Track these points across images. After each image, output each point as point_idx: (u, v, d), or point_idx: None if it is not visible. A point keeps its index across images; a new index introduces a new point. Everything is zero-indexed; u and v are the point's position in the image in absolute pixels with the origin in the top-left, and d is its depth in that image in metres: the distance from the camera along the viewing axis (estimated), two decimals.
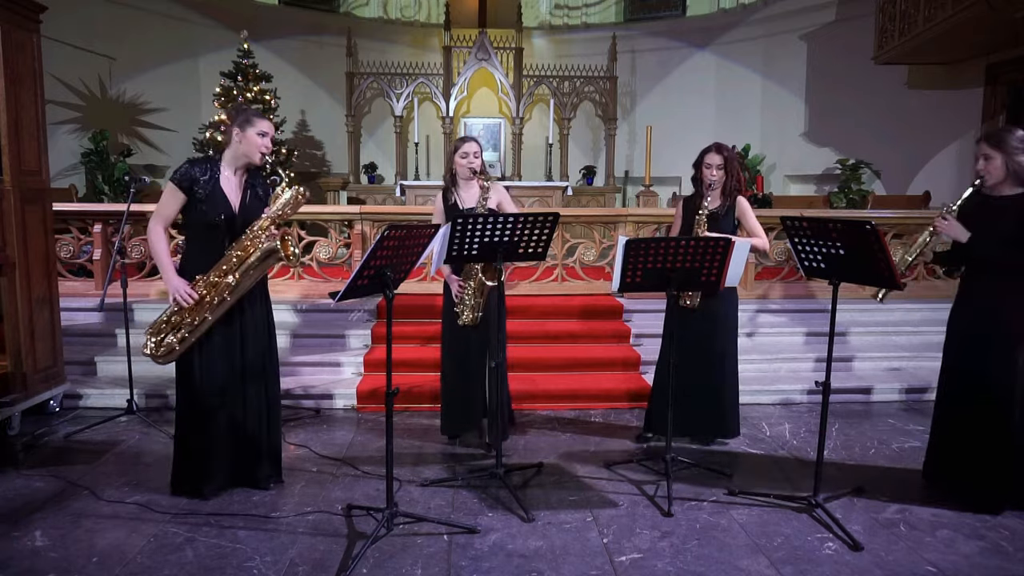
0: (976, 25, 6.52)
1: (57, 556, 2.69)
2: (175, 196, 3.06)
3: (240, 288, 3.04)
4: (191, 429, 3.18)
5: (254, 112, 3.21)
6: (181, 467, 3.23)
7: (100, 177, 8.34)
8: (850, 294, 5.67)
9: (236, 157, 3.14)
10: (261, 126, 3.12)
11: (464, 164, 3.75)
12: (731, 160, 3.70)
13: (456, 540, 2.86)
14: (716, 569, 2.66)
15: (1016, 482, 3.09)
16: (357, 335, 5.31)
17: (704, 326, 3.75)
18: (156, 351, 3.09)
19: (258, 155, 3.13)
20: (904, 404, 4.80)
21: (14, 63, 3.84)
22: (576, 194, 10.21)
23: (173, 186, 3.05)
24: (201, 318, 3.04)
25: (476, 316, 3.71)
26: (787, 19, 9.87)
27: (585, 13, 11.54)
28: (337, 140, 10.62)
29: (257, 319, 3.23)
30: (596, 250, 6.06)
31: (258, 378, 3.24)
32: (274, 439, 3.35)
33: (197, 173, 3.06)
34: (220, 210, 3.06)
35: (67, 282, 5.48)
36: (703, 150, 3.75)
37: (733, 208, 3.77)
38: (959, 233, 3.05)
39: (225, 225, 3.08)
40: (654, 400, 3.97)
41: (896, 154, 8.86)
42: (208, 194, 3.06)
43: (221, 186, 3.10)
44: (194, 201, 3.06)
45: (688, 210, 3.82)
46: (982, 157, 3.07)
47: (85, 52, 8.36)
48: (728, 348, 3.84)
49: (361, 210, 6.01)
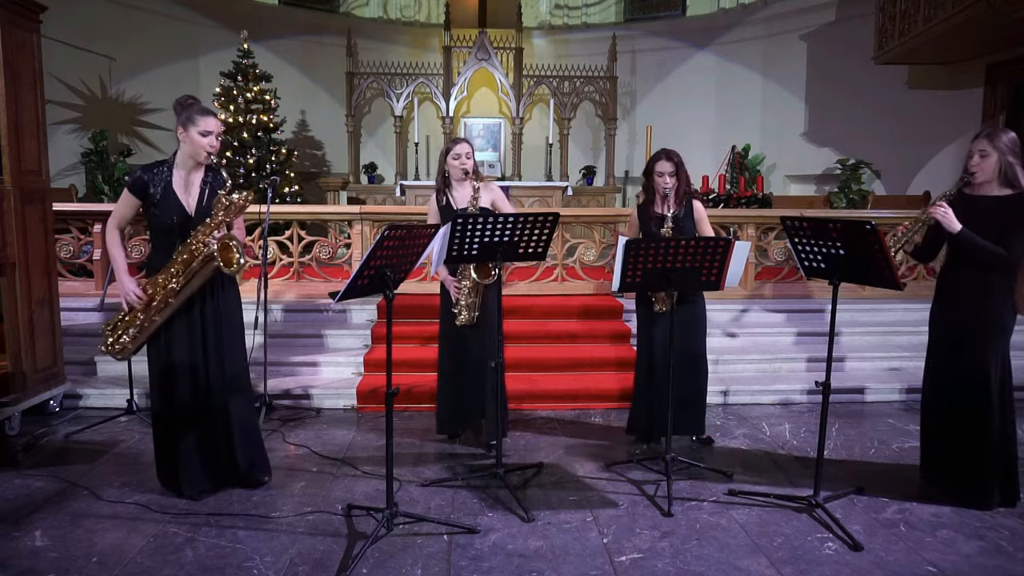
0: (976, 25, 6.51)
1: (57, 556, 2.69)
2: (128, 200, 3.08)
3: (185, 291, 3.02)
4: (160, 431, 3.19)
5: (197, 109, 3.05)
6: (160, 467, 3.25)
7: (100, 177, 8.34)
8: (850, 294, 5.69)
9: (186, 157, 3.08)
10: (204, 124, 3.01)
11: (456, 165, 3.76)
12: (681, 166, 3.74)
13: (456, 540, 2.86)
14: (716, 569, 2.66)
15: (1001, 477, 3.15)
16: (357, 335, 5.31)
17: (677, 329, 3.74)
18: (111, 348, 3.13)
19: (203, 154, 3.04)
20: (904, 404, 4.79)
21: (14, 63, 3.84)
22: (576, 194, 10.21)
23: (127, 191, 3.06)
24: (150, 320, 3.05)
25: (473, 316, 3.71)
26: (787, 19, 9.88)
27: (585, 13, 11.54)
28: (337, 140, 10.62)
29: (224, 319, 3.18)
30: (596, 250, 6.06)
31: (226, 378, 3.19)
32: (250, 436, 3.31)
33: (147, 178, 3.04)
34: (172, 213, 3.03)
35: (67, 282, 5.48)
36: (652, 158, 3.78)
37: (691, 211, 3.80)
38: (952, 223, 3.07)
39: (178, 227, 3.04)
40: (636, 406, 3.97)
41: (896, 154, 8.86)
42: (160, 198, 3.03)
43: (173, 188, 3.05)
44: (148, 205, 3.05)
45: (643, 216, 3.84)
46: (978, 153, 3.08)
47: (85, 52, 8.37)
48: (701, 349, 3.87)
49: (361, 210, 6.01)
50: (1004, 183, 3.06)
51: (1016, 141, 3.06)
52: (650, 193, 3.82)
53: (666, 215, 3.67)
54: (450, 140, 3.90)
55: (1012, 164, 3.02)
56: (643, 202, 3.90)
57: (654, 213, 3.77)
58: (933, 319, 3.32)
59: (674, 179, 3.70)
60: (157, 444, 3.23)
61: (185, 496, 3.16)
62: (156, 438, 3.23)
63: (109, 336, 3.12)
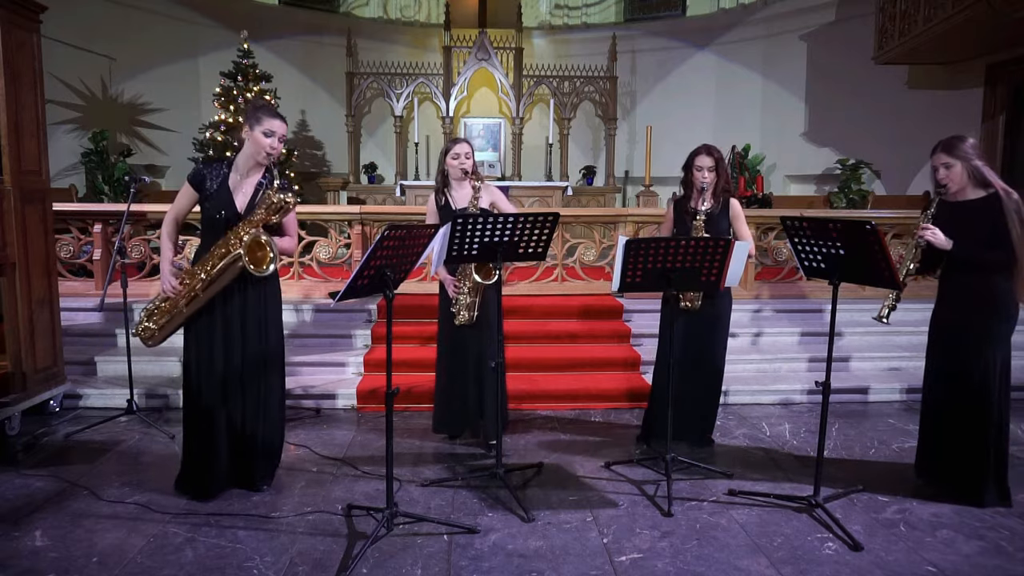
0: (976, 25, 6.51)
1: (57, 556, 2.69)
2: (186, 192, 3.21)
3: (213, 286, 3.07)
4: (190, 429, 3.22)
5: (265, 110, 3.14)
6: (185, 466, 3.26)
7: (100, 177, 8.33)
8: (850, 294, 5.68)
9: (247, 158, 3.17)
10: (268, 125, 3.09)
11: (456, 165, 3.76)
12: (721, 161, 3.71)
13: (456, 540, 2.86)
14: (716, 569, 2.66)
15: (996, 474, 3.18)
16: (357, 335, 5.31)
17: (702, 329, 3.74)
18: (143, 333, 3.26)
19: (263, 154, 3.11)
20: (904, 404, 4.80)
21: (14, 63, 3.84)
22: (576, 194, 10.21)
23: (186, 183, 3.20)
24: (178, 310, 3.14)
25: (472, 316, 3.71)
26: (787, 19, 9.87)
27: (585, 13, 11.53)
28: (337, 140, 10.62)
29: (258, 317, 3.21)
30: (596, 250, 6.06)
31: (255, 378, 3.22)
32: (270, 439, 3.31)
33: (206, 172, 3.18)
34: (222, 207, 3.12)
35: (67, 282, 5.48)
36: (693, 152, 3.74)
37: (727, 209, 3.77)
38: (944, 241, 3.12)
39: (225, 222, 3.12)
40: (654, 406, 3.94)
41: (896, 154, 8.85)
42: (214, 192, 3.14)
43: (228, 185, 3.15)
44: (203, 199, 3.16)
45: (679, 211, 3.82)
46: (942, 167, 3.15)
47: (85, 52, 8.36)
48: (722, 351, 3.86)
49: (361, 210, 6.01)
50: (978, 185, 3.13)
51: (975, 145, 3.15)
52: (688, 188, 3.80)
53: (699, 210, 3.65)
54: (450, 140, 3.89)
55: (978, 167, 3.09)
56: (680, 197, 3.88)
57: (689, 208, 3.74)
58: (935, 318, 3.34)
59: (713, 174, 3.67)
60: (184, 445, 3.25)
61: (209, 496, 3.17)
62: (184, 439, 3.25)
63: (145, 321, 3.24)
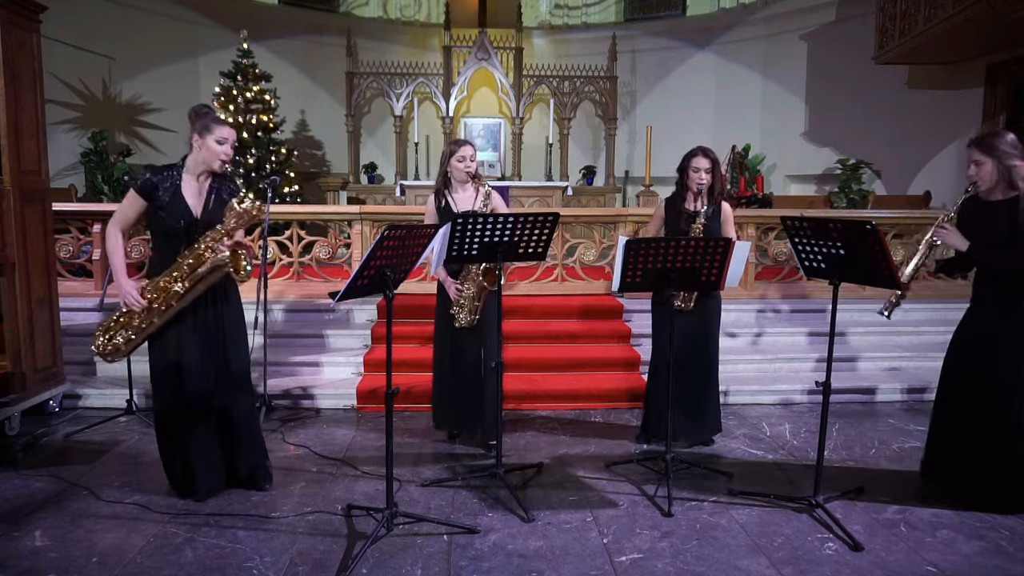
0: (976, 25, 6.52)
1: (57, 556, 2.69)
2: (135, 202, 3.05)
3: (189, 295, 3.01)
4: (162, 434, 3.19)
5: (213, 118, 3.07)
6: (169, 470, 3.24)
7: (100, 177, 8.33)
8: (850, 294, 5.68)
9: (196, 164, 3.09)
10: (220, 133, 3.03)
11: (461, 168, 3.74)
12: (717, 164, 3.73)
13: (456, 540, 2.86)
14: (716, 569, 2.66)
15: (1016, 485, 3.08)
16: (357, 335, 5.31)
17: (695, 328, 3.74)
18: (103, 350, 3.07)
19: (217, 163, 3.06)
20: (905, 404, 4.79)
21: (14, 63, 3.84)
22: (576, 194, 10.21)
23: (134, 193, 3.05)
24: (148, 322, 3.03)
25: (473, 319, 3.70)
26: (787, 19, 9.88)
27: (585, 13, 11.54)
28: (337, 140, 10.62)
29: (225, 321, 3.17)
30: (596, 250, 6.06)
31: (227, 380, 3.18)
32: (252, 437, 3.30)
33: (156, 180, 3.04)
34: (180, 216, 3.03)
35: (67, 282, 5.47)
36: (688, 154, 3.74)
37: (719, 212, 3.78)
38: (959, 242, 3.06)
39: (184, 231, 3.04)
40: (651, 405, 3.95)
41: (896, 154, 8.86)
42: (168, 201, 3.03)
43: (182, 192, 3.06)
44: (155, 208, 3.04)
45: (673, 212, 3.81)
46: (972, 163, 3.07)
47: (85, 52, 8.37)
48: (715, 348, 3.87)
49: (361, 210, 6.01)
50: (1008, 186, 3.03)
51: (1015, 143, 3.02)
52: (681, 189, 3.80)
53: (699, 211, 3.66)
54: (453, 142, 3.84)
55: (1010, 167, 2.99)
56: (672, 196, 3.87)
57: (685, 209, 3.75)
58: (965, 322, 3.24)
59: (709, 176, 3.69)
60: (162, 447, 3.22)
61: (199, 498, 3.15)
62: (160, 441, 3.22)
63: (100, 336, 3.06)
